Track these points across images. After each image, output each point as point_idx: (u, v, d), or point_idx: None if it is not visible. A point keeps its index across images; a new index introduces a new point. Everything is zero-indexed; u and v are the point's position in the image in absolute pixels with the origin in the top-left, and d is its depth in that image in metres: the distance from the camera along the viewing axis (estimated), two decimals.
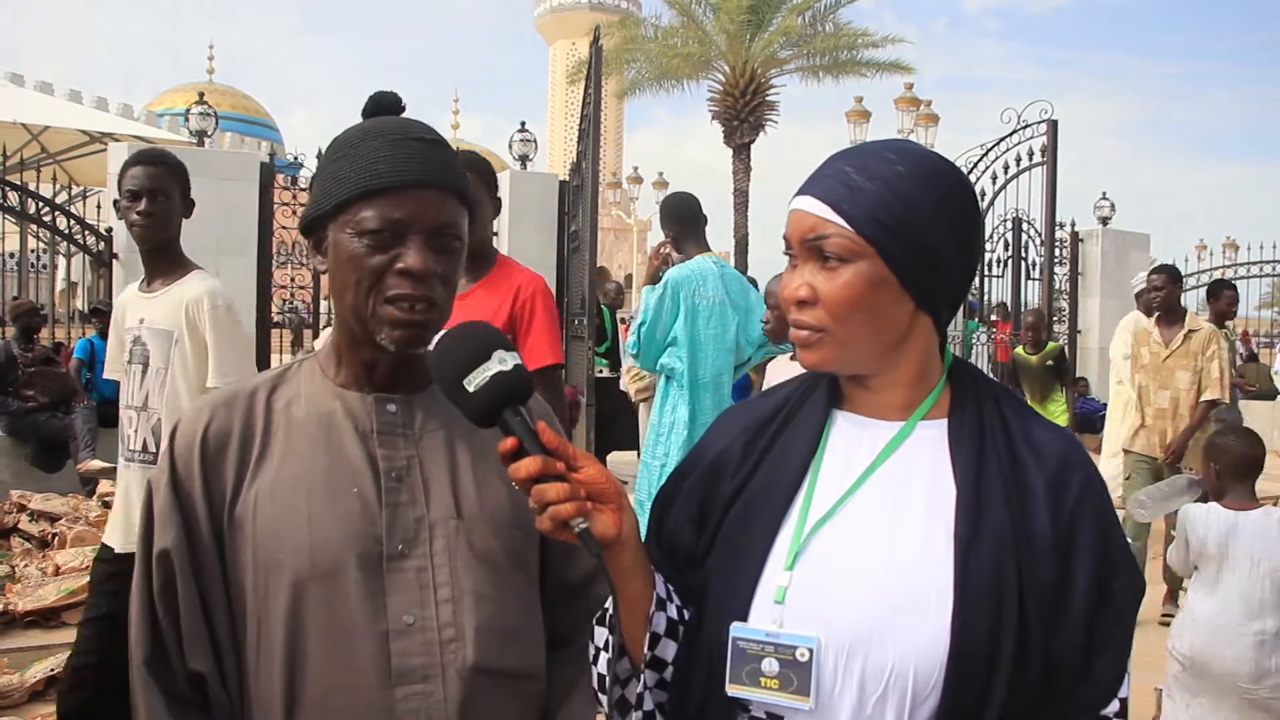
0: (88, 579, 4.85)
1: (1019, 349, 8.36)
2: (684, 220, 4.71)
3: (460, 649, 1.23)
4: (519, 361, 1.15)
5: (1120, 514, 1.27)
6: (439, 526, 1.26)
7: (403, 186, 1.23)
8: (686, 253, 4.65)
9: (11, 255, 11.58)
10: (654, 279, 4.62)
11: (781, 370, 3.70)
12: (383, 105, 1.33)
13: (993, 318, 12.41)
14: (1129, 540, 1.59)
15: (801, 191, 1.19)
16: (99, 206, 9.08)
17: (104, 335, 8.18)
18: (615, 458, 8.40)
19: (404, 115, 1.33)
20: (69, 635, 4.60)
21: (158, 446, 3.07)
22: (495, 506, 1.30)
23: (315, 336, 8.57)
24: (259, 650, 1.22)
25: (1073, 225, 13.28)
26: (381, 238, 1.23)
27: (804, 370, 1.26)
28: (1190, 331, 6.32)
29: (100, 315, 8.21)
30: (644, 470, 4.57)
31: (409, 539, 1.25)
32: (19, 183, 8.75)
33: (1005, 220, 11.54)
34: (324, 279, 1.33)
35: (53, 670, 4.24)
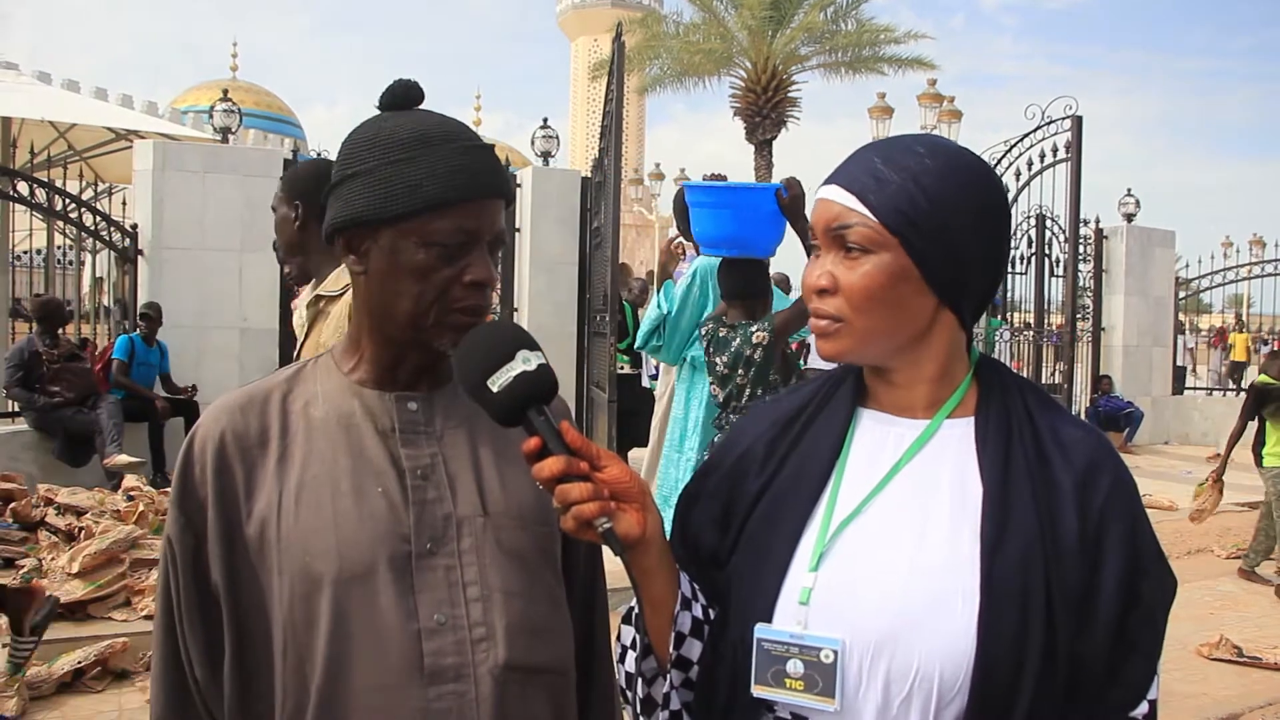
0: (115, 572, 4.92)
1: (1266, 375, 7.11)
2: None
3: (491, 648, 1.22)
4: (543, 361, 1.14)
5: None
6: (466, 524, 1.25)
7: (479, 198, 1.22)
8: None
9: (39, 251, 11.70)
10: (665, 275, 4.58)
11: None
12: (407, 96, 1.29)
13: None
14: None
15: (829, 180, 1.18)
16: (125, 203, 9.14)
17: (148, 338, 8.26)
18: (636, 454, 8.40)
19: (423, 107, 1.30)
20: (96, 628, 4.66)
21: None
22: (521, 503, 1.29)
23: None
24: (286, 654, 1.20)
25: (1097, 222, 13.20)
26: (452, 249, 1.21)
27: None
28: None
29: (148, 320, 8.28)
30: (666, 464, 4.53)
31: (437, 536, 1.24)
32: (46, 179, 8.82)
33: (1029, 217, 11.50)
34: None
35: (80, 662, 4.28)
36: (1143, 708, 1.13)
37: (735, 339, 3.78)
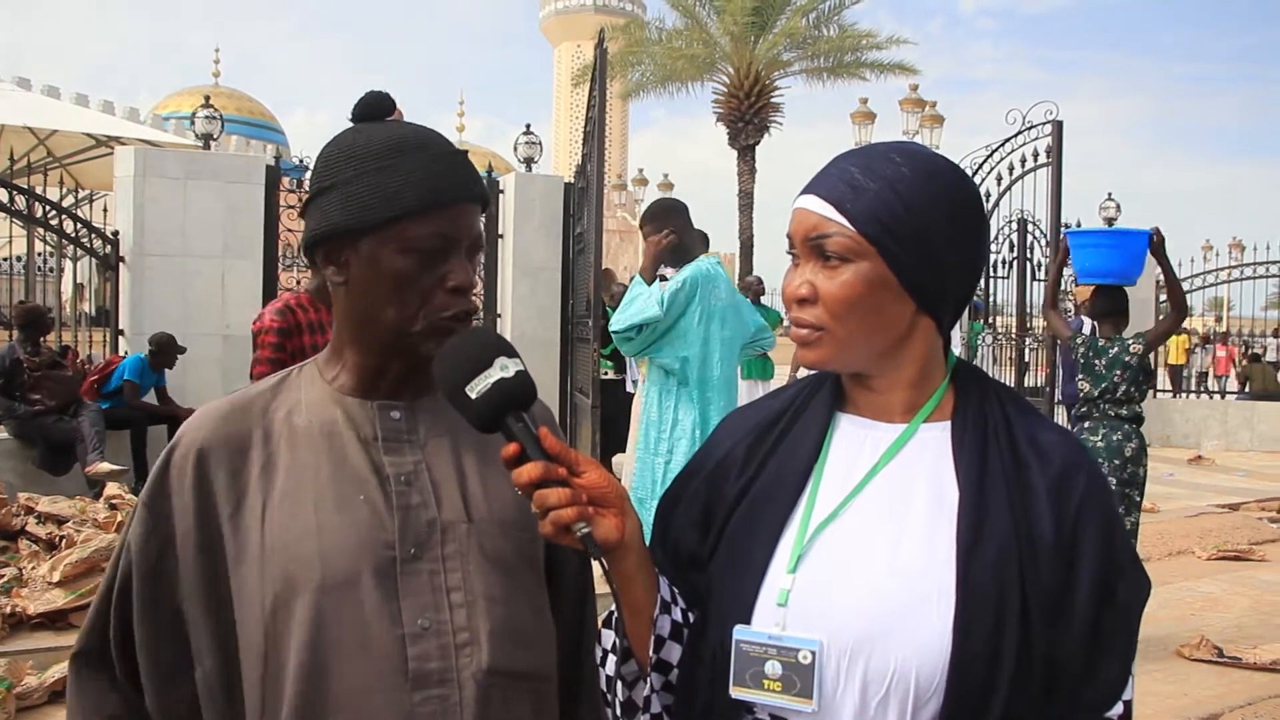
0: (96, 581, 4.89)
1: None
2: (687, 215, 4.67)
3: (475, 652, 1.23)
4: (521, 368, 1.15)
5: None
6: (450, 530, 1.26)
7: (456, 202, 1.24)
8: (694, 251, 4.61)
9: (19, 259, 11.62)
10: (652, 274, 4.55)
11: None
12: (378, 107, 1.31)
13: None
14: None
15: (805, 190, 1.19)
16: (105, 210, 9.10)
17: (155, 366, 8.18)
18: (620, 459, 8.40)
19: (396, 118, 1.31)
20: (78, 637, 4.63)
21: None
22: (504, 510, 1.30)
23: None
24: (267, 661, 1.21)
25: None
26: (431, 255, 1.23)
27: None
28: None
29: (160, 352, 8.20)
30: (642, 467, 4.52)
31: (421, 542, 1.24)
32: (26, 186, 8.77)
33: (1010, 221, 11.54)
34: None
35: None
36: (1118, 708, 1.14)
37: (1114, 348, 5.19)
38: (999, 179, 11.04)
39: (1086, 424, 5.28)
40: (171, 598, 1.25)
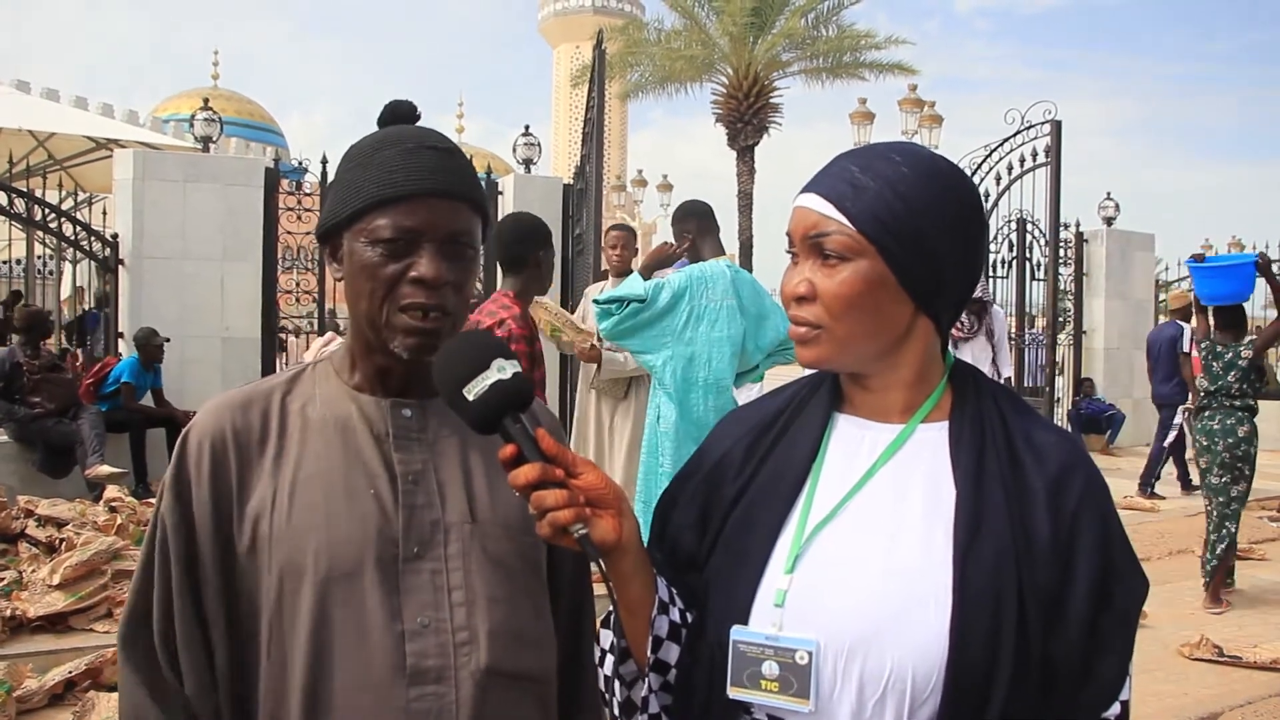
0: (96, 584, 4.89)
1: None
2: (706, 218, 4.68)
3: (474, 651, 1.25)
4: (518, 369, 1.16)
5: None
6: (454, 530, 1.28)
7: (417, 195, 1.25)
8: (704, 255, 4.61)
9: (18, 261, 11.62)
10: (650, 272, 4.57)
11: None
12: (398, 114, 1.35)
13: None
14: None
15: (806, 189, 1.19)
16: (105, 212, 9.10)
17: (147, 365, 8.18)
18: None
19: (419, 124, 1.35)
20: (78, 640, 4.63)
21: None
22: (507, 511, 1.31)
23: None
24: (271, 649, 1.23)
25: (1077, 226, 13.27)
26: (395, 246, 1.24)
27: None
28: None
29: (145, 349, 8.20)
30: (646, 471, 4.53)
31: (424, 541, 1.26)
32: (25, 189, 8.77)
33: (1010, 221, 11.56)
34: (336, 285, 1.35)
35: (71, 673, 4.25)
36: (1115, 708, 1.14)
37: (1229, 353, 6.37)
38: (998, 179, 11.07)
39: (1206, 412, 6.40)
40: (200, 586, 1.27)
